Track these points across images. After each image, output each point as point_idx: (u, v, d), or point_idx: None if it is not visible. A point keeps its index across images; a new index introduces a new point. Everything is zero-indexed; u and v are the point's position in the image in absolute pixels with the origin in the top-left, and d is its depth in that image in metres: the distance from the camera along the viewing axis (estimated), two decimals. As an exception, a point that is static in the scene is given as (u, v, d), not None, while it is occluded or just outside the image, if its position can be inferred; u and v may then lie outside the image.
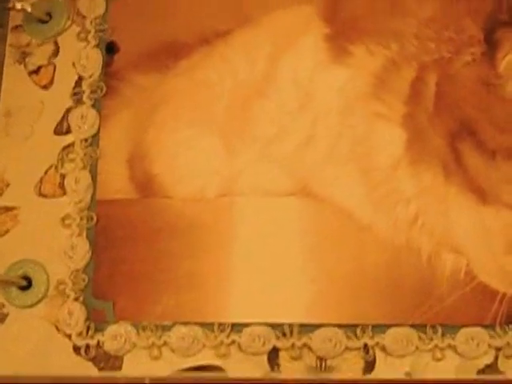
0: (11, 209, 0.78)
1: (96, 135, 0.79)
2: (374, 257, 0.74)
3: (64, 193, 0.78)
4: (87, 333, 0.74)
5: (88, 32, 0.82)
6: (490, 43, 0.76)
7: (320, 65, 0.78)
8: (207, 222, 0.76)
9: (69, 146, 0.79)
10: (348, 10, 0.80)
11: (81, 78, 0.81)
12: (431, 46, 0.78)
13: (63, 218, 0.77)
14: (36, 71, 0.82)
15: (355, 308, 0.73)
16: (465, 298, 0.72)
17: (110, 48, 0.81)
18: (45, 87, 0.81)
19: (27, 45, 0.83)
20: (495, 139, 0.73)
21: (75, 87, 0.81)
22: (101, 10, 0.83)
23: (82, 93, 0.80)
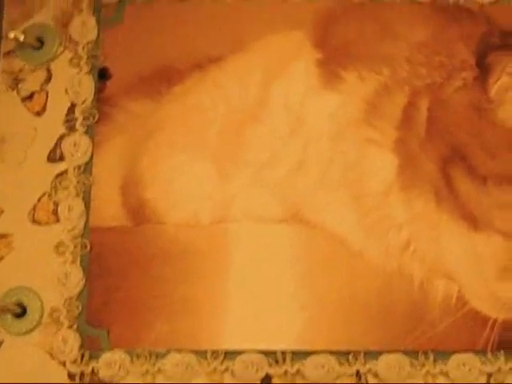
0: (5, 236, 0.78)
1: (89, 162, 0.79)
2: (365, 283, 0.74)
3: (57, 220, 0.78)
4: (82, 360, 0.74)
5: (80, 58, 0.82)
6: (482, 67, 0.77)
7: (311, 90, 0.78)
8: (201, 247, 0.76)
9: (62, 174, 0.79)
10: (339, 35, 0.80)
11: (73, 105, 0.81)
12: (423, 70, 0.78)
13: (57, 246, 0.77)
14: (29, 97, 0.81)
15: (347, 334, 0.74)
16: (456, 324, 0.73)
17: (103, 74, 0.81)
18: (38, 114, 0.81)
19: (20, 70, 0.82)
20: (486, 165, 0.73)
21: (68, 114, 0.80)
22: (93, 36, 0.82)
23: (75, 119, 0.80)
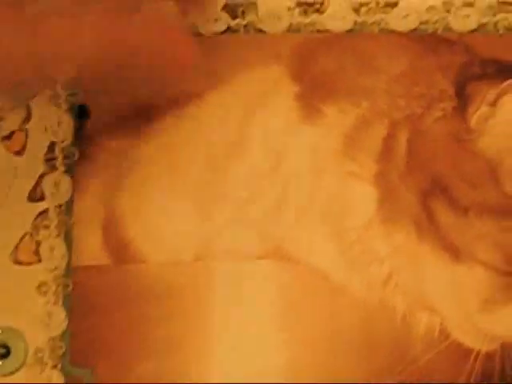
0: (-13, 277, 0.78)
1: (70, 201, 0.79)
2: (348, 317, 0.75)
3: (40, 260, 0.78)
4: (66, 400, 0.74)
5: (59, 96, 0.82)
6: (462, 97, 0.76)
7: (291, 125, 0.78)
8: (184, 285, 0.76)
9: (43, 213, 0.79)
10: (317, 68, 0.80)
11: (53, 144, 0.80)
12: (402, 102, 0.77)
13: (39, 286, 0.77)
14: (8, 137, 0.81)
15: (331, 368, 0.74)
16: (439, 357, 0.73)
17: (82, 112, 0.81)
18: (18, 153, 0.81)
19: (-1, 110, 0.83)
20: (467, 195, 0.73)
21: (48, 153, 0.80)
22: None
23: (55, 158, 0.80)
